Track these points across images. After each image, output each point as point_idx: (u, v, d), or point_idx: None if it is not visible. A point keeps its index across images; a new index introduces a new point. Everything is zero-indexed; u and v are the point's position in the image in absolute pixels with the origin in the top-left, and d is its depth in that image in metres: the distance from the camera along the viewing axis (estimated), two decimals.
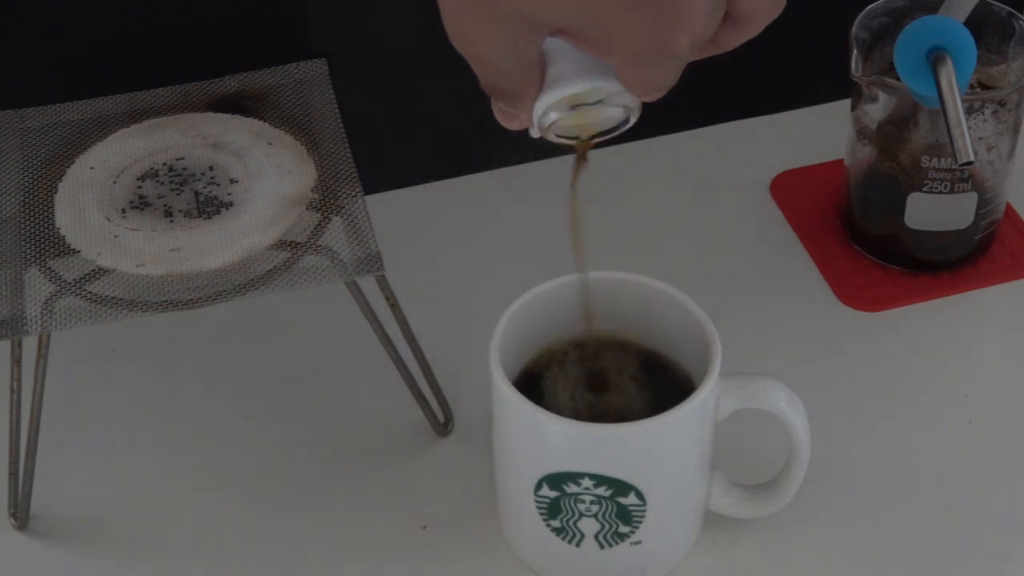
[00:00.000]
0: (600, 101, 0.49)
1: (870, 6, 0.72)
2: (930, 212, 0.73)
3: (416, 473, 0.67)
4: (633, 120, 0.50)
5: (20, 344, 0.61)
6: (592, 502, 0.58)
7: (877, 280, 0.75)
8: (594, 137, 0.51)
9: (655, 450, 0.58)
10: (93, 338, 0.71)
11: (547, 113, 0.49)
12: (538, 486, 0.59)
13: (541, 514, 0.60)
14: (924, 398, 0.70)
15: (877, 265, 0.76)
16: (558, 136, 0.50)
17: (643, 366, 0.63)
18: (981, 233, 0.74)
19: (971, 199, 0.72)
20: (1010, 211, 0.78)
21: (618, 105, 0.49)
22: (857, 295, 0.75)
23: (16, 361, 0.61)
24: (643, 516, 0.59)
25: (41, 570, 0.64)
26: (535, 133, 0.50)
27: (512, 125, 0.50)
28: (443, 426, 0.68)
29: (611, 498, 0.58)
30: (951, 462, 0.67)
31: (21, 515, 0.65)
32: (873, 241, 0.76)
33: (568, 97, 0.48)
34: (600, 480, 0.57)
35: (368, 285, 0.63)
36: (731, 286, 0.75)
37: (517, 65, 0.47)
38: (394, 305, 0.65)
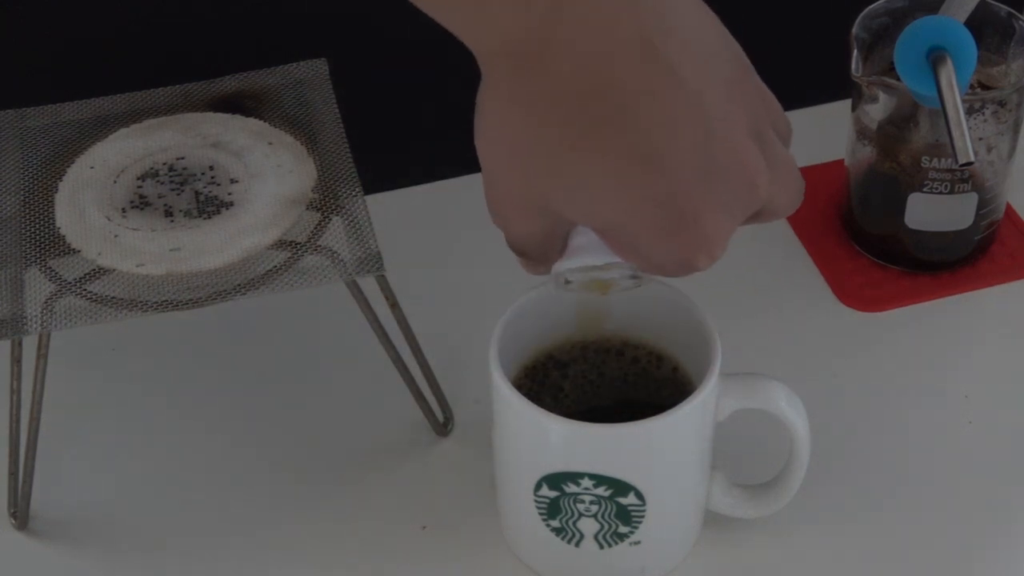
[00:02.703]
0: (614, 273, 0.52)
1: (870, 6, 0.72)
2: (930, 212, 0.73)
3: (416, 473, 0.67)
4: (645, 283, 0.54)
5: (20, 344, 0.61)
6: (592, 502, 0.58)
7: (877, 280, 0.75)
8: (609, 291, 0.54)
9: (655, 450, 0.58)
10: (93, 338, 0.71)
11: (564, 275, 0.53)
12: (538, 486, 0.59)
13: (541, 514, 0.60)
14: (924, 398, 0.70)
15: (877, 265, 0.76)
16: (575, 289, 0.54)
17: (643, 366, 0.63)
18: (981, 233, 0.74)
19: (971, 199, 0.72)
20: (1010, 211, 0.78)
21: (632, 276, 0.53)
22: (857, 295, 0.75)
23: (16, 361, 0.61)
24: (643, 516, 0.59)
25: (41, 570, 0.64)
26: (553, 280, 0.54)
27: (532, 273, 0.53)
28: (443, 426, 0.68)
29: (611, 498, 0.58)
30: (951, 462, 0.67)
31: (21, 515, 0.65)
32: (873, 241, 0.76)
33: (586, 267, 0.52)
34: (600, 480, 0.57)
35: (368, 285, 0.63)
36: (731, 286, 0.75)
37: (546, 244, 0.51)
38: (394, 305, 0.65)
